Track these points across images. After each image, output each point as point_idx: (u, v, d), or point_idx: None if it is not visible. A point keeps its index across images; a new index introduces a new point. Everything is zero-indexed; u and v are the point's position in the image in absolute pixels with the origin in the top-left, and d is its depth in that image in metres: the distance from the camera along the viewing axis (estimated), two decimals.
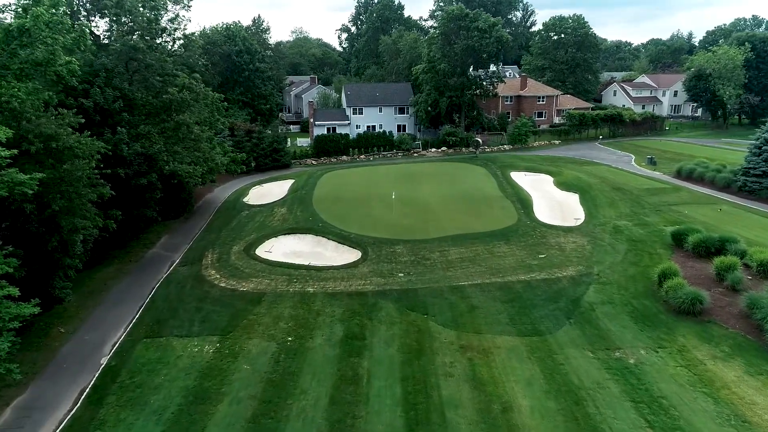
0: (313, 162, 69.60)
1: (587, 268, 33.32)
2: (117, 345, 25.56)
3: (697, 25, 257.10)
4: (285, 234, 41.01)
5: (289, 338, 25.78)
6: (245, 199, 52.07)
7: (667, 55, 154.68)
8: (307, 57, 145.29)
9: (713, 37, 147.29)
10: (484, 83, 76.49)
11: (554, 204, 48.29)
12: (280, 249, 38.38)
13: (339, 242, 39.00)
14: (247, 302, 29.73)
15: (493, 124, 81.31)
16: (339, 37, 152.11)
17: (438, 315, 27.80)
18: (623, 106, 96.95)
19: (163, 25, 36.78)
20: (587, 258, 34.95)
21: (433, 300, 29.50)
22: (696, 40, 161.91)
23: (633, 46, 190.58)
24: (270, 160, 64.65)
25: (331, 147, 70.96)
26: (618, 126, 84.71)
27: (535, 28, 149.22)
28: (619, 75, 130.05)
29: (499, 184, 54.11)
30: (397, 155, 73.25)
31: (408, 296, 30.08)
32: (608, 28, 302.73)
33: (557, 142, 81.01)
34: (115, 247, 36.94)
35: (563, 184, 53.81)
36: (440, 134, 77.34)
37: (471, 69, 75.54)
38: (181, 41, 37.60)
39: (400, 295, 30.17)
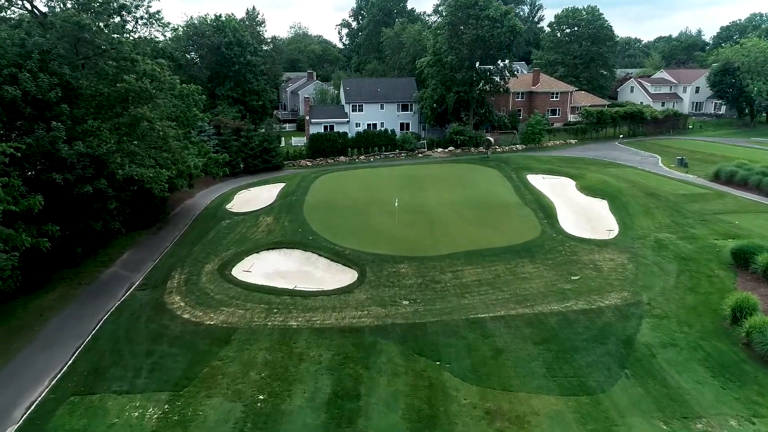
0: (308, 163, 63.48)
1: (634, 295, 27.18)
2: (33, 407, 19.49)
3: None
4: (269, 249, 34.94)
5: (261, 396, 19.68)
6: (228, 206, 46.01)
7: (680, 51, 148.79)
8: (306, 53, 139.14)
9: (728, 33, 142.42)
10: (495, 78, 70.28)
11: (580, 212, 42.15)
12: (261, 268, 32.31)
13: (332, 260, 32.92)
14: (212, 341, 23.64)
15: (503, 122, 75.12)
16: (339, 33, 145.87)
17: (454, 362, 21.67)
18: (641, 103, 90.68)
19: (122, 1, 30.80)
20: (631, 281, 28.82)
21: (447, 340, 23.38)
22: (708, 37, 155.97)
23: (643, 42, 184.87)
24: (260, 161, 58.61)
25: (328, 147, 64.78)
26: (638, 124, 78.53)
27: (542, 24, 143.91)
28: (634, 71, 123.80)
29: (515, 188, 47.95)
30: (400, 156, 67.11)
31: (415, 334, 23.96)
32: None
33: (573, 141, 74.83)
34: (63, 266, 30.95)
35: (588, 189, 47.66)
36: (447, 133, 71.20)
37: (480, 64, 69.21)
38: (145, 21, 31.66)
39: (405, 333, 24.05)
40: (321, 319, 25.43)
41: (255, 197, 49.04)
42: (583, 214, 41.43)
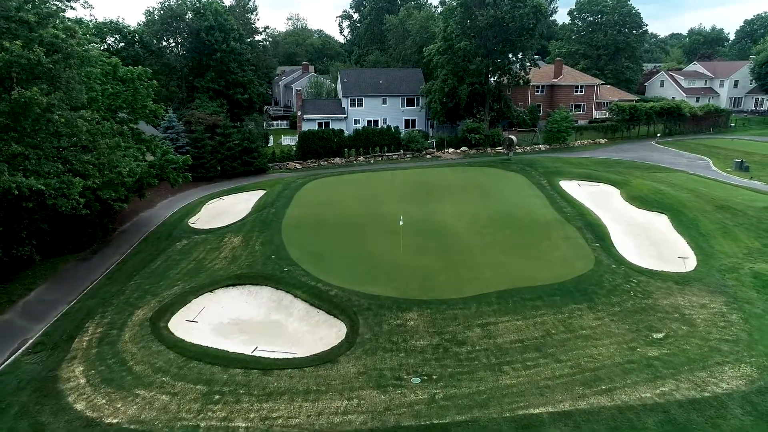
0: (297, 166, 54.26)
1: (761, 371, 17.97)
2: None
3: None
4: (228, 286, 25.75)
5: None
6: (192, 220, 36.90)
7: (703, 45, 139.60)
8: (304, 46, 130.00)
9: (752, 27, 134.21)
10: (515, 67, 60.89)
11: (638, 232, 32.85)
12: (212, 316, 23.21)
13: (312, 304, 23.73)
14: None
15: (523, 119, 65.80)
16: (340, 25, 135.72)
17: None
18: (673, 98, 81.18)
19: None
20: (746, 345, 19.63)
21: None
22: (730, 34, 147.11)
23: (660, 37, 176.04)
24: (239, 164, 49.47)
25: (321, 146, 55.47)
26: (675, 122, 69.09)
27: (555, 17, 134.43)
28: (662, 65, 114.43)
29: (549, 199, 38.64)
30: (405, 157, 57.86)
31: None
32: None
33: (603, 141, 65.44)
34: None
35: (639, 200, 38.31)
36: (459, 131, 61.88)
37: (497, 52, 59.71)
38: None
39: None
40: (284, 416, 16.31)
41: (228, 208, 39.98)
42: (643, 235, 32.15)
